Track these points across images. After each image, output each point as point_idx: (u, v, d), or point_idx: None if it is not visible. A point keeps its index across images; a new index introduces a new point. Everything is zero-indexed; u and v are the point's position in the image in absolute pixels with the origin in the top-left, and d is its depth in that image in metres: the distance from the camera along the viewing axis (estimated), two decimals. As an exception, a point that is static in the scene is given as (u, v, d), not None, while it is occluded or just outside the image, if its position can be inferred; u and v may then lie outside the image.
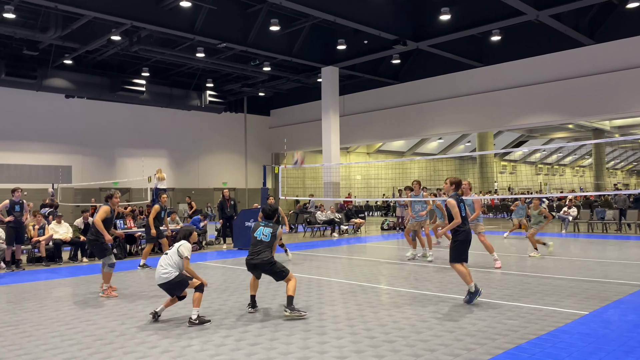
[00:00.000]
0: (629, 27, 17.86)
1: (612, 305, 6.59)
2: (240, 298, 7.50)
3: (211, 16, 17.19)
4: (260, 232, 6.47)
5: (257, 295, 6.93)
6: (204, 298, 7.07)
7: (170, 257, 6.22)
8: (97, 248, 7.94)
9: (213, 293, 7.90)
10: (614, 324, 5.72)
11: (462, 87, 22.27)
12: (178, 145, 27.48)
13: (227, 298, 7.51)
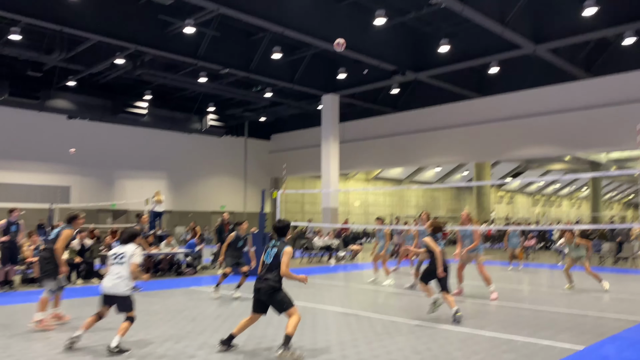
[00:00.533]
0: (624, 63, 18.15)
1: (608, 341, 6.57)
2: (235, 326, 7.45)
3: (214, 42, 17.46)
4: (267, 253, 5.90)
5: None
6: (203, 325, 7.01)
7: (121, 266, 5.93)
8: (49, 269, 7.10)
9: (215, 322, 7.85)
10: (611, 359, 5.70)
11: (460, 117, 22.50)
12: (177, 168, 27.57)
13: (220, 325, 7.46)
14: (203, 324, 7.45)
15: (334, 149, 22.25)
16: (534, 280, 13.34)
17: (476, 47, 17.05)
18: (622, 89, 18.14)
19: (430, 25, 17.31)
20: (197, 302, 9.49)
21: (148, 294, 10.40)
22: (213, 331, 7.01)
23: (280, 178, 30.67)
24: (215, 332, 6.97)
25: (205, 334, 6.87)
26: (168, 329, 7.12)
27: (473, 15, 13.39)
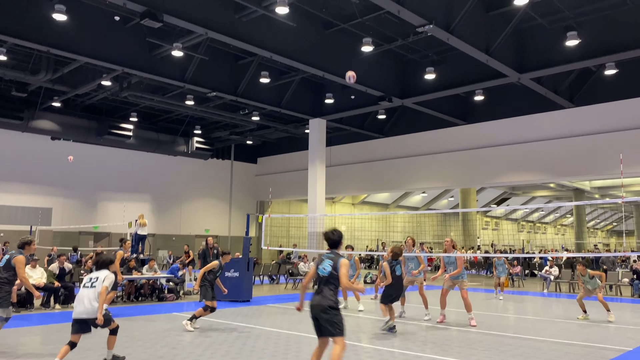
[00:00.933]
0: (606, 93, 18.51)
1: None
2: (216, 354, 7.26)
3: (202, 66, 17.50)
4: (321, 266, 5.39)
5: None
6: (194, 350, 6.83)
7: (94, 290, 6.06)
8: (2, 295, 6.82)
9: (196, 349, 7.66)
10: (595, 391, 5.63)
11: (446, 143, 22.69)
12: (162, 191, 27.32)
13: (201, 353, 7.27)
14: (184, 352, 7.26)
15: (321, 173, 22.25)
16: (519, 308, 13.28)
17: (461, 75, 17.29)
18: (605, 118, 18.46)
19: (416, 53, 17.55)
20: (178, 328, 9.27)
21: (129, 319, 10.15)
22: (194, 359, 6.82)
23: (266, 201, 30.52)
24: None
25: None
26: (148, 356, 6.92)
27: (458, 44, 13.59)
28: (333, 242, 5.52)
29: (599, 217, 61.94)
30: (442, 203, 45.49)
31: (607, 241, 62.96)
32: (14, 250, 7.12)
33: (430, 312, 10.88)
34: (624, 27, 13.90)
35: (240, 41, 13.95)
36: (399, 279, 9.63)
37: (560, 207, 53.63)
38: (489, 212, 50.78)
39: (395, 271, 9.56)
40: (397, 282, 9.58)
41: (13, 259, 6.92)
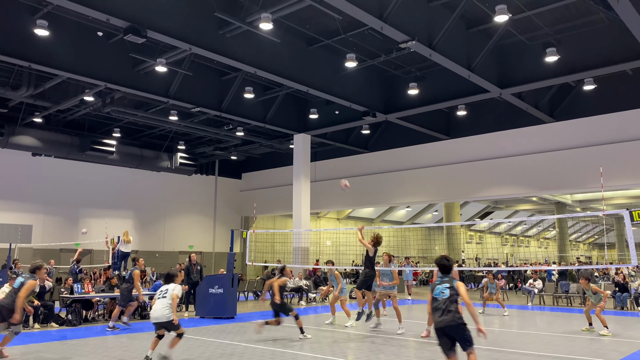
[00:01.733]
0: (585, 107, 18.85)
1: (578, 384, 6.52)
2: (199, 372, 7.12)
3: (186, 81, 17.47)
4: (438, 290, 5.78)
5: None
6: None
7: (167, 299, 7.61)
8: (7, 312, 7.68)
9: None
10: (581, 404, 5.63)
11: (430, 158, 22.85)
12: (145, 207, 27.02)
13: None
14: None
15: (305, 188, 22.22)
16: (504, 321, 13.30)
17: (444, 90, 17.49)
18: (584, 133, 18.77)
19: (399, 69, 17.74)
20: (162, 346, 9.09)
21: (110, 339, 9.95)
22: (176, 379, 6.69)
23: (251, 217, 30.35)
24: (179, 379, 6.65)
25: (168, 381, 6.54)
26: (128, 377, 6.77)
27: (440, 59, 13.78)
28: (445, 267, 5.95)
29: (581, 230, 62.67)
30: (426, 217, 45.67)
31: (589, 254, 63.66)
32: (28, 274, 7.92)
33: (404, 326, 10.95)
34: (601, 44, 14.23)
35: (224, 57, 13.98)
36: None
37: (543, 221, 54.19)
38: (473, 226, 51.10)
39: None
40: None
41: (25, 282, 7.76)
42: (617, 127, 18.03)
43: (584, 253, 61.02)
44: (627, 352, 8.75)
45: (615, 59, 14.00)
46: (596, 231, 64.64)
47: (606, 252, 44.66)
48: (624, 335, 10.81)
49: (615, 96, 18.06)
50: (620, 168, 17.69)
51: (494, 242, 54.88)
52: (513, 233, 58.89)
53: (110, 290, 13.53)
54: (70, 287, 12.84)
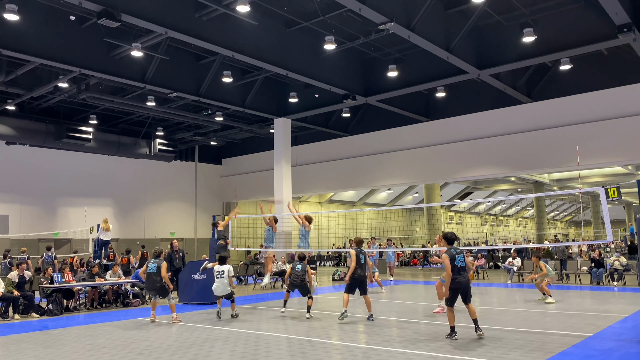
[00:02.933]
0: (562, 87, 19.08)
1: (556, 357, 6.70)
2: (184, 358, 7.14)
3: (163, 66, 17.18)
4: (457, 258, 8.09)
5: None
6: (145, 358, 6.68)
7: (224, 278, 10.70)
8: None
9: (164, 354, 7.51)
10: (558, 377, 5.79)
11: (410, 140, 22.96)
12: (124, 194, 26.71)
13: (169, 358, 7.14)
14: (151, 357, 7.11)
15: (287, 173, 22.18)
16: (484, 299, 13.56)
17: (423, 72, 17.52)
18: (561, 113, 19.03)
19: (379, 51, 17.69)
20: (145, 333, 9.08)
21: (92, 327, 9.89)
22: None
23: (232, 203, 30.24)
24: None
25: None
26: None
27: (419, 41, 13.77)
28: (452, 240, 8.39)
29: (558, 208, 63.91)
30: (407, 199, 46.06)
31: (567, 232, 65.03)
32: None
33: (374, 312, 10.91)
34: (577, 24, 14.36)
35: (201, 40, 13.77)
36: (362, 266, 10.35)
37: (522, 200, 55.06)
38: (453, 206, 51.71)
39: (360, 259, 10.23)
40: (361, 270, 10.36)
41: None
42: (593, 107, 18.30)
43: (561, 231, 62.29)
44: (603, 326, 9.01)
45: (591, 39, 14.15)
46: (573, 209, 65.97)
47: (582, 229, 45.67)
48: (600, 309, 11.11)
49: (591, 76, 18.30)
50: (596, 147, 18.01)
51: (473, 222, 55.68)
52: (492, 213, 59.78)
53: (91, 279, 13.41)
54: (50, 277, 12.70)
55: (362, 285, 10.17)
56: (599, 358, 6.65)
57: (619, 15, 12.33)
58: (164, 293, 10.56)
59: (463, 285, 8.01)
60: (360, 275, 10.11)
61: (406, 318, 10.42)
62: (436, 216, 32.66)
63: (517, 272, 18.92)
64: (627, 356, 6.74)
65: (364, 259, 10.34)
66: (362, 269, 10.19)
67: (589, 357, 6.69)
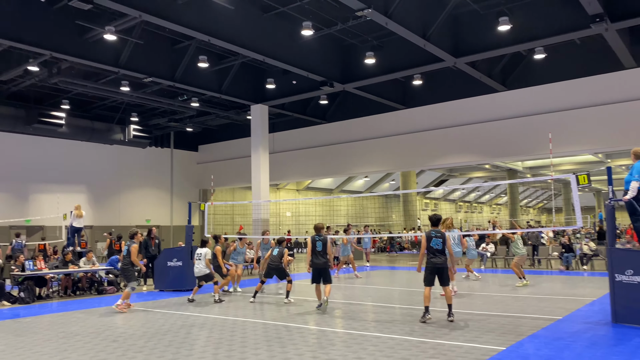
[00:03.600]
0: (536, 76, 19.35)
1: (527, 340, 6.88)
2: (159, 345, 7.12)
3: (137, 50, 16.85)
4: (434, 241, 8.41)
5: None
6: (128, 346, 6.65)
7: (201, 260, 11.06)
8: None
9: (139, 341, 7.46)
10: (529, 358, 5.96)
11: (387, 128, 23.06)
12: (98, 181, 26.26)
13: (144, 345, 7.10)
14: (126, 344, 7.07)
15: (264, 160, 22.08)
16: (458, 284, 13.80)
17: (400, 60, 17.55)
18: (535, 101, 19.32)
19: (356, 38, 17.64)
20: (120, 321, 9.01)
21: (65, 315, 9.77)
22: (136, 351, 6.66)
23: (209, 190, 30.04)
24: (139, 352, 6.62)
25: (128, 354, 6.51)
26: (87, 351, 6.70)
27: (397, 28, 13.77)
28: (436, 222, 8.69)
29: (531, 195, 65.15)
30: (384, 186, 46.36)
31: (539, 218, 66.38)
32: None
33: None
34: (551, 13, 14.54)
35: (176, 24, 13.53)
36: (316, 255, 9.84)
37: (496, 187, 55.93)
38: (429, 193, 52.26)
39: (316, 247, 9.80)
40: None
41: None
42: (566, 95, 18.62)
43: (533, 217, 63.57)
44: (572, 309, 9.27)
45: (564, 29, 14.35)
46: (545, 196, 67.34)
47: (554, 215, 46.68)
48: (570, 293, 11.42)
49: (564, 65, 18.59)
50: (568, 135, 18.37)
51: (448, 208, 56.40)
52: (467, 200, 60.63)
53: (64, 266, 13.21)
54: (22, 265, 12.46)
55: (324, 273, 9.73)
56: (568, 340, 6.85)
57: (592, 5, 12.52)
58: (126, 277, 10.36)
59: (437, 265, 8.31)
60: (317, 264, 9.73)
61: (382, 303, 10.55)
62: (412, 203, 32.98)
63: (491, 258, 19.28)
64: (595, 338, 6.95)
65: (322, 246, 9.76)
66: (317, 257, 9.73)
67: (559, 340, 6.89)
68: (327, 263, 9.78)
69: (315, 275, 9.84)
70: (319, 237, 9.83)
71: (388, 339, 7.06)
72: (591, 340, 6.83)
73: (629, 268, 7.77)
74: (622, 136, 17.43)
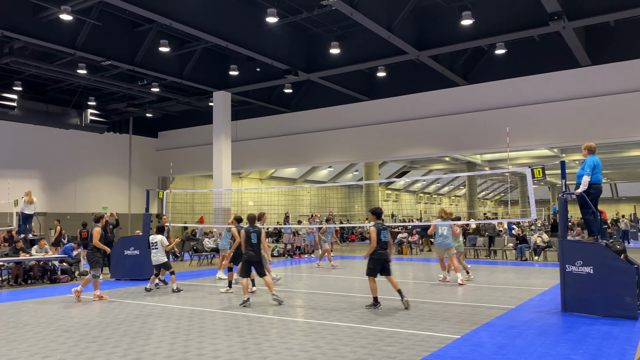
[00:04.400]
0: (496, 71, 19.76)
1: (481, 329, 7.06)
2: (114, 335, 6.96)
3: (95, 32, 16.28)
4: (383, 234, 8.68)
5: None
6: (81, 338, 6.46)
7: (158, 249, 10.96)
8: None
9: (92, 330, 7.26)
10: (483, 346, 6.11)
11: (351, 118, 23.13)
12: (53, 166, 25.38)
13: (97, 334, 6.93)
14: (79, 334, 6.88)
15: (226, 148, 21.81)
16: (417, 274, 14.04)
17: (365, 51, 17.59)
18: (494, 96, 19.73)
19: (322, 27, 17.56)
20: (73, 310, 8.76)
21: (15, 305, 9.43)
22: (89, 341, 6.49)
23: (168, 177, 29.49)
24: (92, 342, 6.45)
25: (81, 344, 6.34)
26: (37, 341, 6.48)
27: (362, 19, 13.77)
28: (380, 214, 8.97)
29: (489, 188, 66.81)
30: (347, 177, 46.59)
31: (496, 210, 68.20)
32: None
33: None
34: (512, 9, 14.83)
35: (136, 6, 13.14)
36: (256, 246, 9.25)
37: (455, 179, 57.06)
38: (391, 184, 52.87)
39: (252, 239, 9.22)
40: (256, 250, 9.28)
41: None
42: (524, 91, 19.10)
43: (491, 209, 65.24)
44: (525, 299, 9.56)
45: (524, 25, 14.67)
46: (502, 189, 69.18)
47: (509, 208, 48.06)
48: (523, 283, 11.78)
49: (523, 61, 19.04)
50: (525, 129, 18.87)
51: (409, 199, 57.25)
52: (427, 191, 61.66)
53: (15, 254, 12.74)
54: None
55: (257, 266, 9.21)
56: (520, 328, 7.06)
57: (550, 3, 12.83)
58: (90, 263, 10.02)
59: (383, 257, 8.67)
60: (252, 256, 9.13)
61: (341, 292, 10.62)
62: (374, 194, 33.26)
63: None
64: (546, 326, 7.20)
65: (257, 238, 9.18)
66: (253, 249, 9.14)
67: (512, 328, 7.10)
68: (262, 256, 9.35)
69: (247, 269, 9.26)
70: (253, 229, 9.24)
71: (347, 328, 7.12)
72: (542, 328, 7.06)
73: (579, 259, 8.06)
74: (575, 132, 18.04)
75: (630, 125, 17.16)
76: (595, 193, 8.70)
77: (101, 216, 10.53)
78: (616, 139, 18.27)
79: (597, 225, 8.68)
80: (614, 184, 61.37)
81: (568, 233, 8.80)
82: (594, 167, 8.61)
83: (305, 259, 19.49)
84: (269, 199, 40.03)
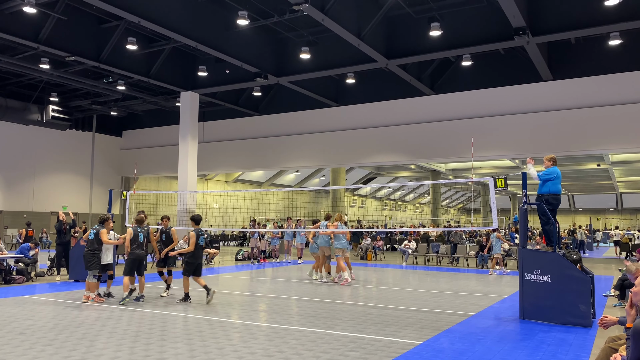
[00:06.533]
0: (462, 82, 20.20)
1: (442, 335, 7.18)
2: (71, 338, 6.76)
3: (60, 26, 15.88)
4: (202, 239, 9.77)
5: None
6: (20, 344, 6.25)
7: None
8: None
9: (49, 333, 7.03)
10: (444, 352, 6.22)
11: (319, 124, 23.22)
12: (10, 163, 24.55)
13: (54, 337, 6.72)
14: (34, 337, 6.66)
15: (192, 149, 21.55)
16: (381, 279, 14.17)
17: (335, 58, 17.71)
18: (459, 106, 20.16)
19: (292, 32, 17.60)
20: (29, 312, 8.48)
21: (-34, 306, 9.05)
22: (46, 344, 6.29)
23: (132, 177, 28.91)
24: (49, 345, 6.26)
25: (36, 347, 6.14)
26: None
27: (332, 25, 13.86)
28: (199, 221, 9.82)
29: (452, 196, 68.06)
30: (314, 182, 46.69)
31: (459, 218, 69.46)
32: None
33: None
34: (479, 23, 15.21)
35: (103, 2, 12.88)
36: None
37: (420, 186, 57.88)
38: (357, 190, 53.24)
39: (138, 238, 9.84)
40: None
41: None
42: (488, 102, 19.58)
43: (454, 217, 66.43)
44: (485, 306, 9.78)
45: (490, 38, 15.06)
46: (465, 197, 70.56)
47: (472, 216, 49.04)
48: (484, 290, 12.04)
49: (488, 73, 19.52)
50: (488, 140, 19.33)
51: (374, 206, 57.77)
52: (392, 198, 62.35)
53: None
54: None
55: (140, 265, 9.79)
56: (480, 334, 7.21)
57: (516, 19, 13.22)
58: (86, 264, 9.84)
59: (198, 260, 9.74)
60: (139, 255, 9.70)
61: (305, 297, 10.63)
62: (340, 199, 33.45)
63: (412, 254, 19.95)
64: (504, 333, 7.38)
65: (144, 237, 9.86)
66: (140, 248, 9.75)
67: (472, 334, 7.24)
68: (145, 254, 10.16)
69: (133, 267, 9.62)
70: (141, 229, 9.91)
71: (310, 333, 7.13)
72: (500, 335, 7.24)
73: (537, 268, 8.30)
74: (536, 144, 18.59)
75: (588, 139, 17.81)
76: (555, 203, 8.99)
77: (107, 218, 10.14)
78: (574, 152, 18.93)
79: (554, 236, 8.96)
80: (571, 196, 63.45)
81: (527, 242, 9.04)
82: (555, 177, 8.90)
83: (270, 264, 19.39)
84: (235, 202, 39.72)
